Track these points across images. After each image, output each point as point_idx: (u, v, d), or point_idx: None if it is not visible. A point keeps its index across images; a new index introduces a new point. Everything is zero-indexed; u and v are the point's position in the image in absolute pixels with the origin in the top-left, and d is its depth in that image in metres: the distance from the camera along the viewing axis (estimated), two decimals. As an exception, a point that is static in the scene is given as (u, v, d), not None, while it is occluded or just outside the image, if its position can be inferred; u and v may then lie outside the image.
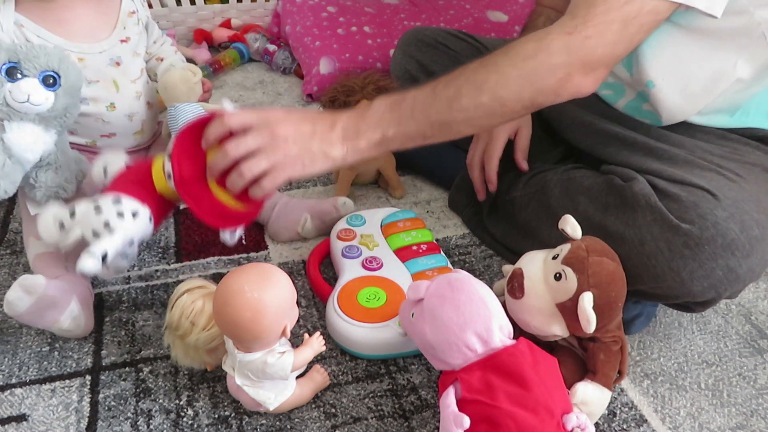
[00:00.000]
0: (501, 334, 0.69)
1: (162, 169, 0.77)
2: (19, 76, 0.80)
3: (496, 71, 0.71)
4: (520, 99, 0.72)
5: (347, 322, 0.84)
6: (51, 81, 0.82)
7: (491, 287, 0.95)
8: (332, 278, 0.98)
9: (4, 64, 0.80)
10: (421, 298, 0.72)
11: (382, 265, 0.93)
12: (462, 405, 0.66)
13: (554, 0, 1.08)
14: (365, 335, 0.83)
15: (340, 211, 1.06)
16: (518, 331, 0.79)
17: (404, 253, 0.96)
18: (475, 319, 0.68)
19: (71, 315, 0.82)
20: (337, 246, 0.97)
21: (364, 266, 0.93)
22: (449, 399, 0.66)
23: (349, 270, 0.92)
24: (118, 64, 1.01)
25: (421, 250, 0.97)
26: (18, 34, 0.91)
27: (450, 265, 0.95)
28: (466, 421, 0.64)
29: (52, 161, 0.87)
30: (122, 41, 1.01)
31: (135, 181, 0.80)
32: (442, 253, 0.98)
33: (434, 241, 1.00)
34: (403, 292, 0.88)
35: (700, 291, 0.76)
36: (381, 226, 1.02)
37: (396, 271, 0.92)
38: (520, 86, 0.71)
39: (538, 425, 0.64)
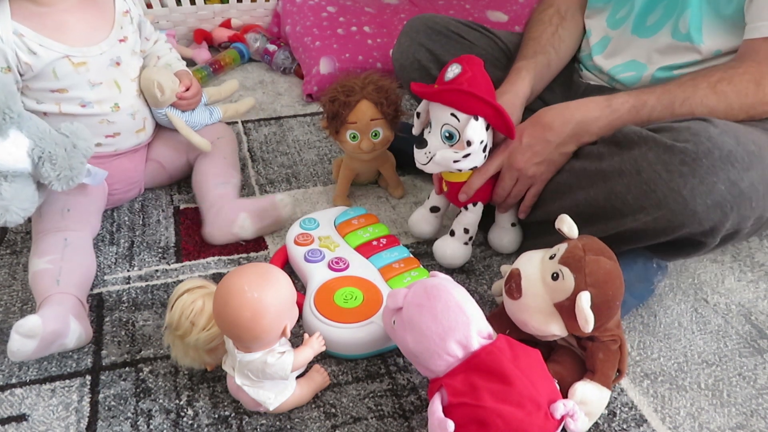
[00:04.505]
0: (479, 338, 0.69)
1: None
2: None
3: (725, 102, 0.82)
4: (735, 118, 0.82)
5: (332, 326, 0.83)
6: None
7: (491, 287, 0.96)
8: (296, 285, 0.96)
9: None
10: (400, 307, 0.72)
11: (348, 265, 0.93)
12: (449, 410, 0.66)
13: None
14: (352, 336, 0.83)
15: (279, 208, 1.03)
16: (518, 331, 0.79)
17: (366, 250, 0.97)
18: (453, 326, 0.68)
19: (74, 335, 0.81)
20: (298, 252, 0.96)
21: (330, 268, 0.93)
22: (435, 406, 0.67)
23: (317, 274, 0.92)
24: (118, 64, 1.01)
25: (381, 245, 0.98)
26: (19, 44, 0.91)
27: (411, 255, 0.96)
28: (450, 426, 0.64)
29: (40, 154, 0.84)
30: (120, 41, 1.01)
31: None
32: (402, 244, 0.99)
33: (391, 234, 1.01)
34: (376, 287, 0.89)
35: (704, 211, 0.74)
36: (335, 226, 1.02)
37: (363, 268, 0.93)
38: (738, 113, 0.83)
39: (525, 418, 0.64)
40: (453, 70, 0.87)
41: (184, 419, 0.77)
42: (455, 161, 0.87)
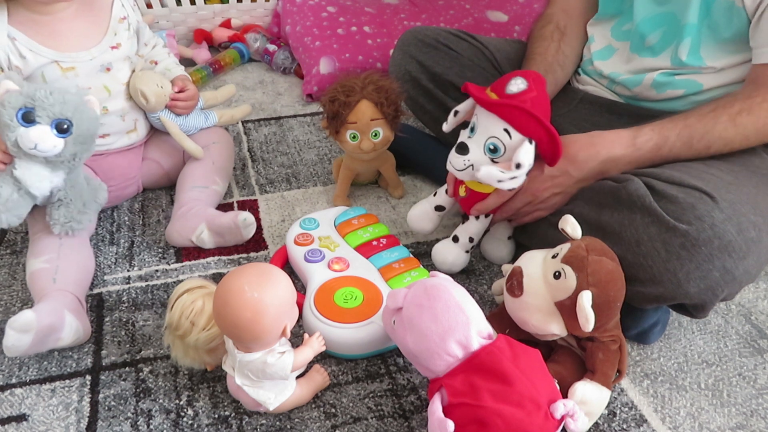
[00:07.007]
0: (479, 338, 0.69)
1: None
2: (33, 121, 0.82)
3: (743, 133, 0.83)
4: (748, 146, 0.85)
5: (332, 326, 0.83)
6: (64, 127, 0.84)
7: (491, 287, 0.96)
8: (296, 285, 0.96)
9: (20, 109, 0.82)
10: (400, 307, 0.72)
11: (348, 265, 0.93)
12: (449, 410, 0.66)
13: (568, 4, 1.07)
14: (352, 336, 0.83)
15: (240, 227, 1.01)
16: (518, 331, 0.79)
17: (366, 250, 0.97)
18: (453, 326, 0.68)
19: (70, 330, 0.81)
20: (298, 252, 0.96)
21: (330, 268, 0.92)
22: (435, 406, 0.67)
23: (317, 274, 0.92)
24: (108, 69, 1.01)
25: (381, 245, 0.98)
26: (11, 48, 0.93)
27: (411, 255, 0.96)
28: (450, 426, 0.64)
29: (62, 197, 0.90)
30: (113, 48, 1.02)
31: None
32: (402, 244, 0.99)
33: (391, 234, 1.01)
34: (376, 287, 0.89)
35: (697, 292, 0.76)
36: (335, 226, 1.02)
37: (363, 269, 0.93)
38: (753, 142, 0.85)
39: (525, 418, 0.64)
40: (517, 84, 0.81)
41: (184, 419, 0.77)
42: (499, 180, 0.81)
